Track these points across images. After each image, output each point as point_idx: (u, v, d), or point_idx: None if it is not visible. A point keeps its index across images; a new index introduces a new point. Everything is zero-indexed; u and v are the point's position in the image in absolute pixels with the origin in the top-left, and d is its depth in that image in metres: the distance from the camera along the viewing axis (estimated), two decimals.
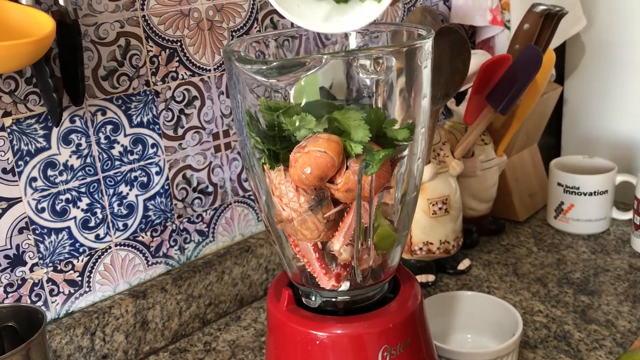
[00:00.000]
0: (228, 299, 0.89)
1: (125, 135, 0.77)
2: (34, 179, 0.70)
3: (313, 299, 0.57)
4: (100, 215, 0.77)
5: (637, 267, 0.93)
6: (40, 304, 0.73)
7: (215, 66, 0.84)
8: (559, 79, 1.38)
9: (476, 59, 0.90)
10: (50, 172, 0.71)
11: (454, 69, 0.82)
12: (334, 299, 0.57)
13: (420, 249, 0.91)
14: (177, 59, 0.80)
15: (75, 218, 0.74)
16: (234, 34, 0.85)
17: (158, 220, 0.82)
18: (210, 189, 0.87)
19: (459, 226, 0.94)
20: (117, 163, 0.77)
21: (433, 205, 0.90)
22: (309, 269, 0.56)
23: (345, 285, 0.56)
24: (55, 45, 0.68)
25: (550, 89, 1.11)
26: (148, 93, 0.78)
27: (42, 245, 0.72)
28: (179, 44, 0.80)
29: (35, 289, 0.73)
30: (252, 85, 0.52)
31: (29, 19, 0.59)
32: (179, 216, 0.85)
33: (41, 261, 0.73)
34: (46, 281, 0.73)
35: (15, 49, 0.55)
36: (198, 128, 0.84)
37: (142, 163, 0.79)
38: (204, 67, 0.83)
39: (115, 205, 0.78)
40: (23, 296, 0.72)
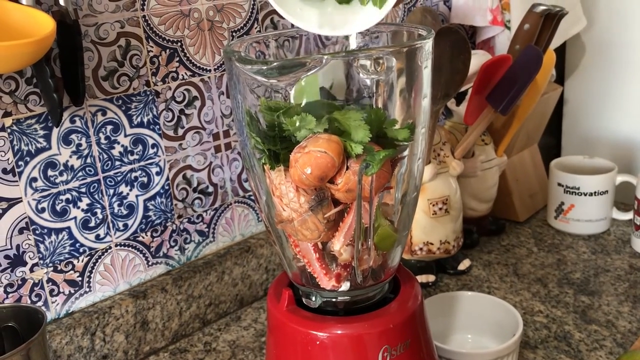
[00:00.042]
0: (228, 299, 0.89)
1: (126, 136, 0.77)
2: (34, 179, 0.70)
3: (313, 299, 0.57)
4: (100, 216, 0.77)
5: (638, 268, 0.93)
6: (40, 304, 0.73)
7: (216, 66, 0.84)
8: (559, 79, 1.38)
9: (476, 59, 0.90)
10: (50, 173, 0.71)
11: (454, 69, 0.82)
12: (334, 299, 0.57)
13: (421, 249, 0.91)
14: (178, 59, 0.80)
15: (75, 218, 0.74)
16: (234, 34, 0.85)
17: (158, 221, 0.82)
18: (211, 189, 0.87)
19: (459, 226, 0.94)
20: (118, 163, 0.77)
21: (433, 205, 0.90)
22: (309, 269, 0.56)
23: (345, 286, 0.56)
24: (55, 46, 0.68)
25: (551, 89, 1.11)
26: (148, 93, 0.78)
27: (42, 246, 0.72)
28: (179, 44, 0.80)
29: (35, 289, 0.73)
30: (253, 85, 0.52)
31: (30, 19, 0.59)
32: (179, 216, 0.85)
33: (41, 261, 0.73)
34: (46, 281, 0.73)
35: (16, 49, 0.55)
36: (198, 128, 0.84)
37: (143, 163, 0.79)
38: (204, 68, 0.83)
39: (115, 205, 0.78)
40: (23, 296, 0.72)
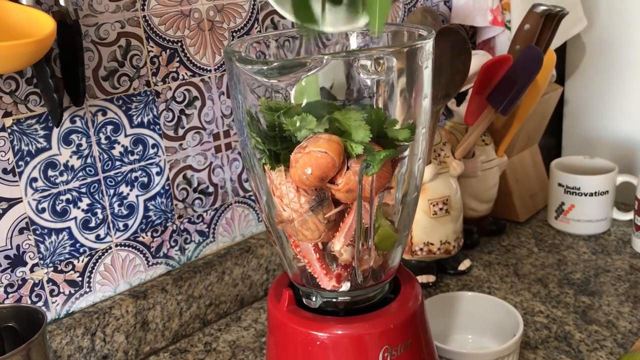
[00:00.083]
0: (228, 300, 0.89)
1: (126, 136, 0.77)
2: (35, 180, 0.70)
3: (314, 299, 0.57)
4: (100, 216, 0.77)
5: (638, 268, 0.93)
6: (40, 304, 0.73)
7: (216, 66, 0.84)
8: (560, 80, 1.37)
9: (477, 60, 0.90)
10: (50, 173, 0.71)
11: (454, 69, 0.82)
12: (334, 300, 0.57)
13: (421, 250, 0.91)
14: (178, 59, 0.80)
15: (75, 218, 0.74)
16: (234, 35, 0.85)
17: (158, 221, 0.82)
18: (211, 189, 0.87)
19: (460, 227, 0.94)
20: (118, 163, 0.77)
21: (434, 205, 0.90)
22: (309, 270, 0.56)
23: (345, 286, 0.56)
24: (55, 46, 0.68)
25: (551, 90, 1.11)
26: (149, 93, 0.78)
27: (43, 246, 0.72)
28: (179, 44, 0.80)
29: (35, 289, 0.73)
30: (253, 85, 0.52)
31: (30, 19, 0.59)
32: (180, 216, 0.85)
33: (41, 261, 0.73)
34: (46, 281, 0.73)
35: (16, 50, 0.55)
36: (199, 128, 0.84)
37: (143, 163, 0.79)
38: (205, 68, 0.83)
39: (115, 205, 0.78)
40: (23, 296, 0.72)
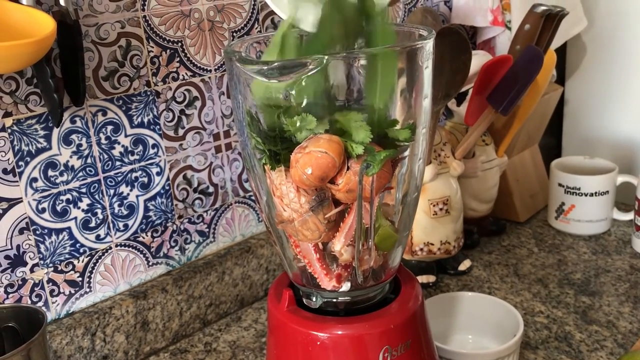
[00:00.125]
0: (229, 300, 0.89)
1: (126, 136, 0.77)
2: (35, 180, 0.70)
3: (314, 299, 0.57)
4: (100, 216, 0.76)
5: (638, 268, 0.93)
6: (40, 304, 0.73)
7: (216, 67, 0.84)
8: (560, 80, 1.37)
9: (477, 60, 0.90)
10: (50, 173, 0.71)
11: (454, 69, 0.82)
12: (334, 300, 0.57)
13: (421, 250, 0.91)
14: (178, 59, 0.80)
15: (75, 218, 0.74)
16: (234, 35, 0.85)
17: (159, 221, 0.82)
18: (211, 189, 0.87)
19: (460, 227, 0.94)
20: (118, 163, 0.77)
21: (434, 205, 0.90)
22: (309, 270, 0.56)
23: (346, 286, 0.56)
24: (56, 46, 0.68)
25: (551, 90, 1.11)
26: (149, 93, 0.78)
27: (43, 246, 0.72)
28: (179, 44, 0.80)
29: (35, 289, 0.73)
30: None
31: (30, 19, 0.59)
32: (180, 217, 0.85)
33: (42, 262, 0.72)
34: (47, 282, 0.73)
35: (16, 50, 0.55)
36: (199, 128, 0.84)
37: (143, 163, 0.79)
38: (205, 68, 0.83)
39: (115, 205, 0.78)
40: (23, 297, 0.72)
